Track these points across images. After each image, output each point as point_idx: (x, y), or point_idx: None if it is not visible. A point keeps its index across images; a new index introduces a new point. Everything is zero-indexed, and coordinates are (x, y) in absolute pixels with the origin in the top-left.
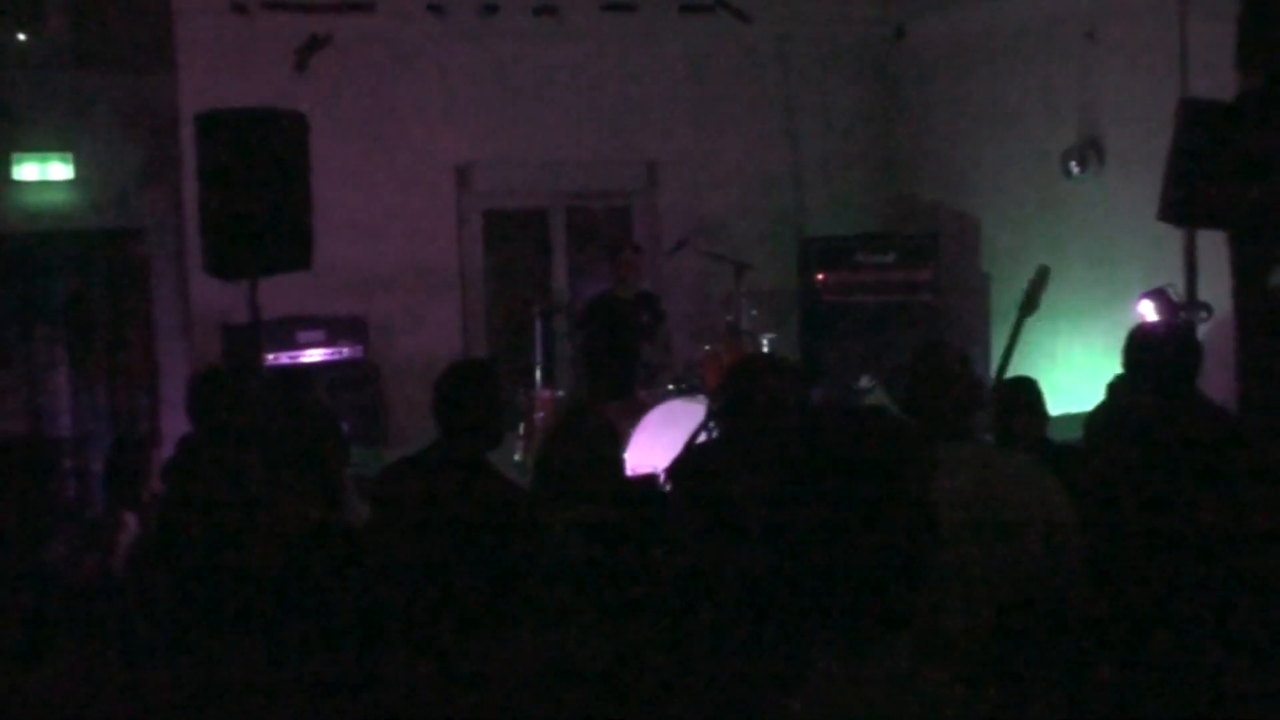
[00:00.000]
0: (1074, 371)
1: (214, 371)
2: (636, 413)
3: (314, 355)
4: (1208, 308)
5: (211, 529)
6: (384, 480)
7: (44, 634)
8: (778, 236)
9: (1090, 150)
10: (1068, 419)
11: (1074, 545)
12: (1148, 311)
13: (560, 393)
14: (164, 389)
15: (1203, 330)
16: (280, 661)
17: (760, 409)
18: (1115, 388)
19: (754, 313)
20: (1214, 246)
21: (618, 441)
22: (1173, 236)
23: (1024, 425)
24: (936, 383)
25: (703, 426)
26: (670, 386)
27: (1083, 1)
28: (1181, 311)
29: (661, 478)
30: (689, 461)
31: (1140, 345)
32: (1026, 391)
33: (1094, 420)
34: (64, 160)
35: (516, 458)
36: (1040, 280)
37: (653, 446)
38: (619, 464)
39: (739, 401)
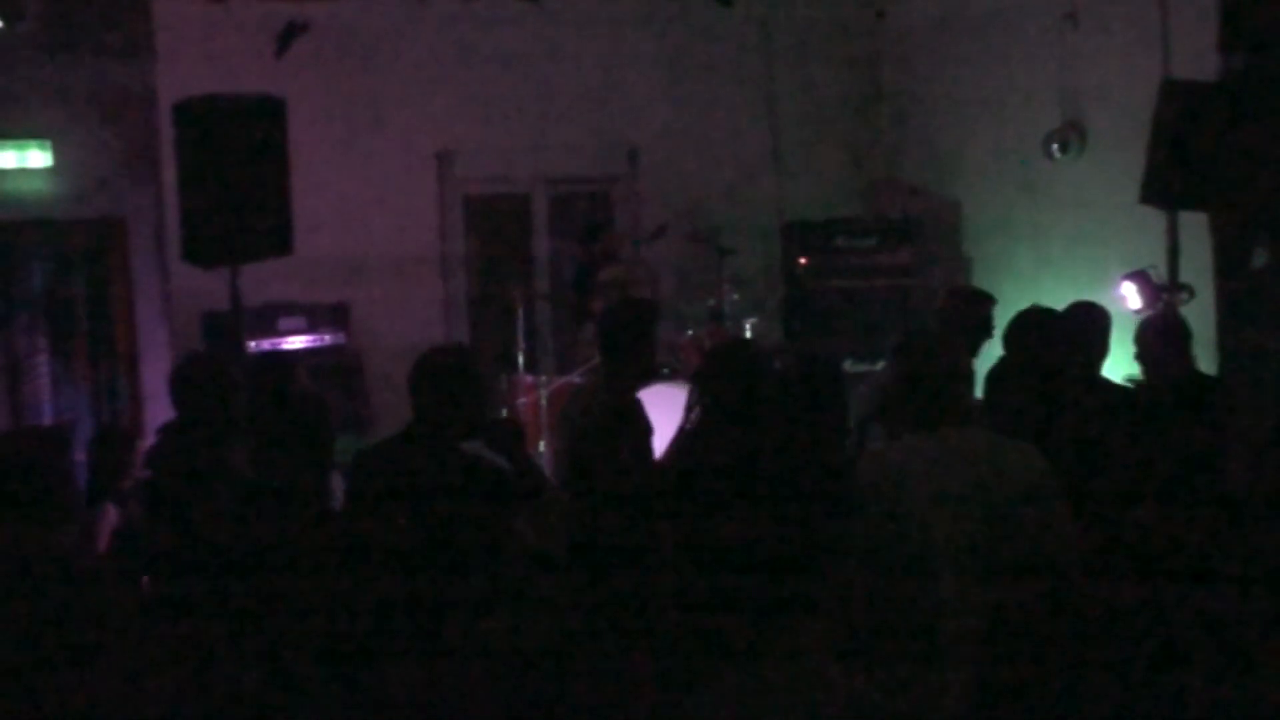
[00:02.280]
0: None
1: (199, 357)
2: None
3: (296, 342)
4: (1190, 289)
5: (197, 516)
6: (357, 466)
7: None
8: (759, 220)
9: (1072, 132)
10: None
11: (1068, 531)
12: (1129, 293)
13: (543, 378)
14: (145, 377)
15: (1184, 312)
16: (265, 647)
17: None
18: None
19: (736, 297)
20: (1196, 228)
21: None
22: (1154, 218)
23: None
24: (922, 374)
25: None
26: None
27: None
28: (1163, 293)
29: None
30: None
31: None
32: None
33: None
34: (42, 148)
35: None
36: None
37: None
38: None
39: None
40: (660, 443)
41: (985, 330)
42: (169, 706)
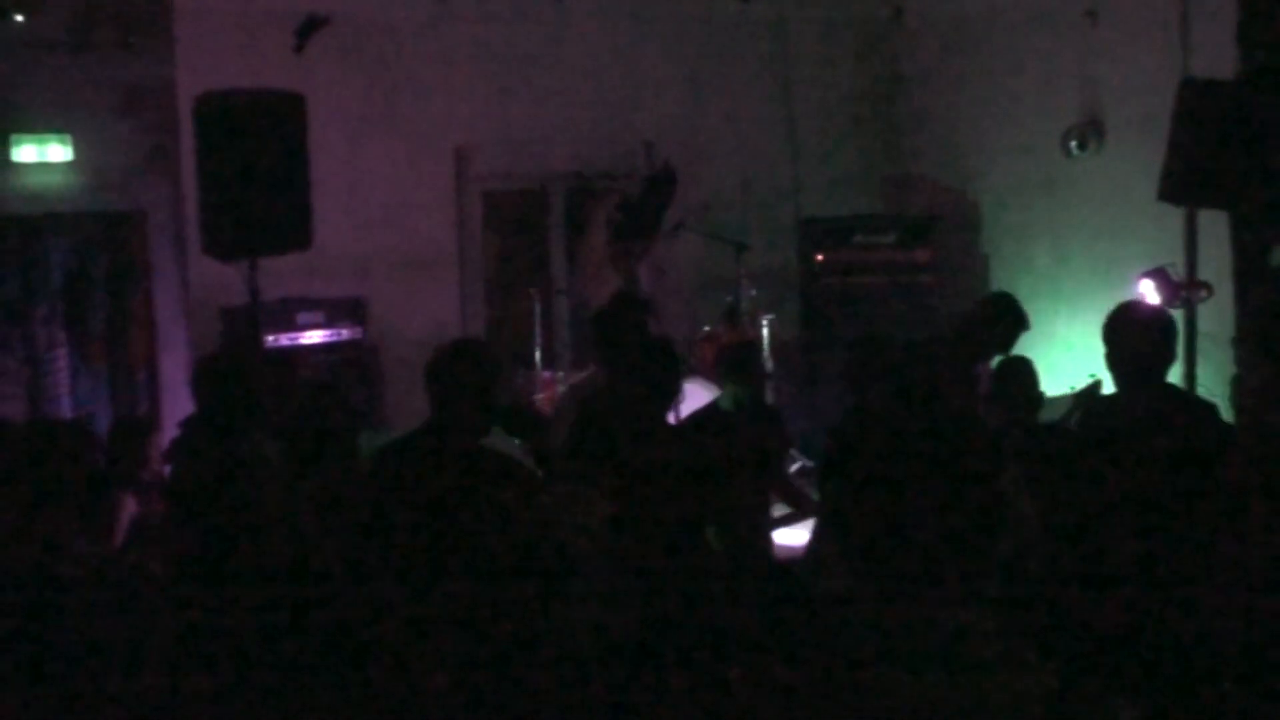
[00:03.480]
0: (1073, 352)
1: (222, 353)
2: None
3: (313, 337)
4: (1208, 287)
5: (219, 510)
6: (378, 463)
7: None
8: (776, 217)
9: (1090, 130)
10: (1066, 399)
11: (1035, 539)
12: (1148, 291)
13: (560, 373)
14: (163, 370)
15: (1202, 310)
16: (286, 639)
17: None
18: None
19: (753, 293)
20: (1214, 225)
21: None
22: (1173, 216)
23: (1005, 407)
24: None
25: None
26: None
27: None
28: (1182, 291)
29: None
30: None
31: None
32: (1013, 376)
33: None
34: (62, 142)
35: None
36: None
37: None
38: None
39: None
40: None
41: (1004, 346)
42: (182, 700)
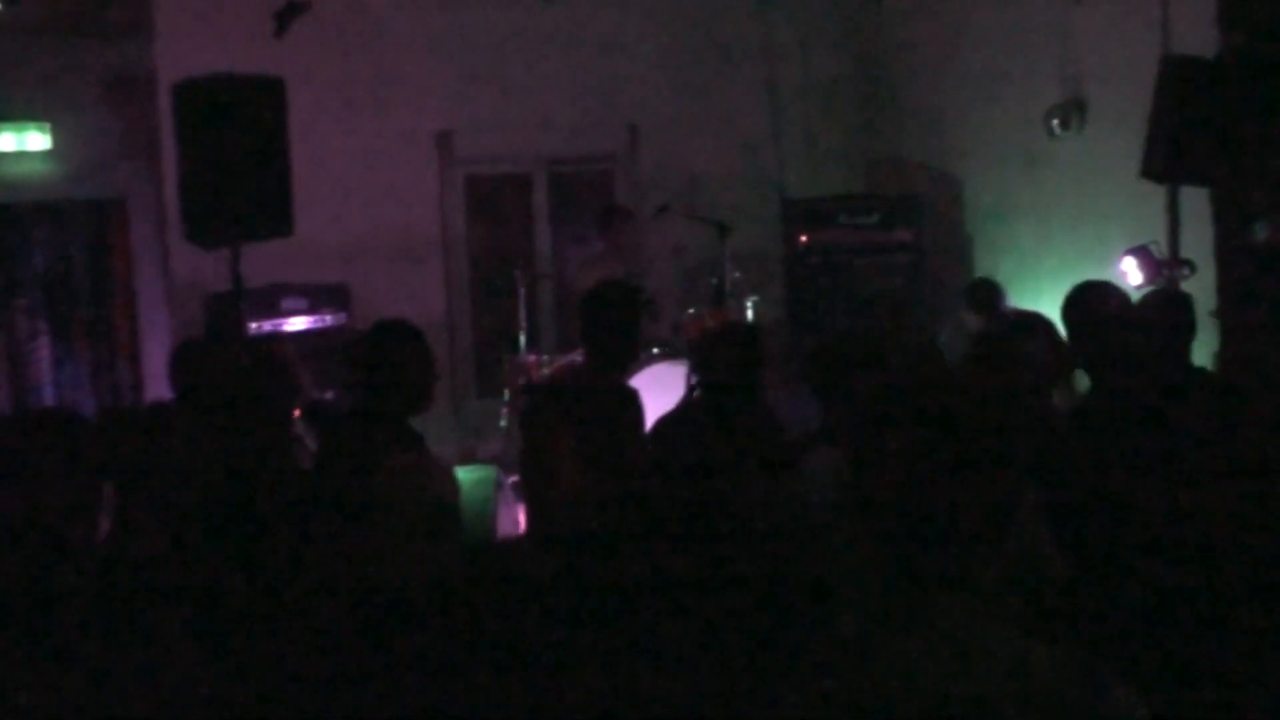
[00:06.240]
0: None
1: (196, 341)
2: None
3: (297, 323)
4: (1191, 264)
5: (196, 497)
6: (321, 442)
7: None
8: (760, 198)
9: (1073, 109)
10: None
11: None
12: (1130, 269)
13: (545, 357)
14: (146, 358)
15: (1185, 287)
16: (263, 629)
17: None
18: None
19: (738, 275)
20: (1197, 203)
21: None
22: (1155, 194)
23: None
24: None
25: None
26: (655, 350)
27: None
28: (1164, 269)
29: None
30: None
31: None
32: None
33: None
34: (41, 130)
35: (503, 423)
36: None
37: None
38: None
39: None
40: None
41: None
42: (179, 688)
